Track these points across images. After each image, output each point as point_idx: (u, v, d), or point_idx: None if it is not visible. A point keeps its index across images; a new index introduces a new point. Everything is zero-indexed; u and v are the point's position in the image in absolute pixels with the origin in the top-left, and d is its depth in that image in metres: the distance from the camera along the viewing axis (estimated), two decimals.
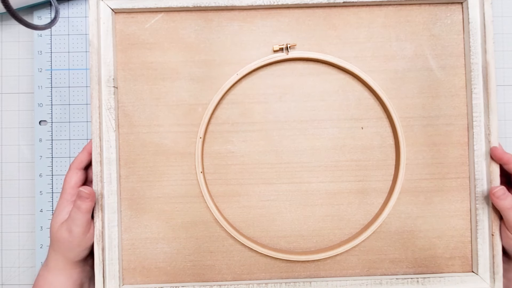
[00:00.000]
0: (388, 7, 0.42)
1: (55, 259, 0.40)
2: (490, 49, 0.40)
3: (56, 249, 0.40)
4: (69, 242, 0.39)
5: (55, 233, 0.40)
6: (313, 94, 0.42)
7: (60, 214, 0.40)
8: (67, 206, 0.40)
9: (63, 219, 0.40)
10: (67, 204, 0.40)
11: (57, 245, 0.40)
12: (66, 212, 0.40)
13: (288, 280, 0.41)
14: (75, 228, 0.39)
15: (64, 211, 0.40)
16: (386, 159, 0.42)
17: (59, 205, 0.41)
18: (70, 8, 0.47)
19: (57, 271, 0.40)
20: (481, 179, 0.41)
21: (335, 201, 0.42)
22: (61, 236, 0.39)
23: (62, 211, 0.40)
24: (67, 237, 0.39)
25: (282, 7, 0.42)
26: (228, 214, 0.42)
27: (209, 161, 0.42)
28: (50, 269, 0.40)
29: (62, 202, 0.41)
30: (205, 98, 0.42)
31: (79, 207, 0.39)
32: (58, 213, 0.40)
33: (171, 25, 0.42)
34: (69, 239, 0.39)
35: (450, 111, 0.42)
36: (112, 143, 0.41)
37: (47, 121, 0.47)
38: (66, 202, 0.40)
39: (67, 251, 0.40)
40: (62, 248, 0.40)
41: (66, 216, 0.40)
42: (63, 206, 0.40)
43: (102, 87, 0.41)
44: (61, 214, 0.40)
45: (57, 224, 0.40)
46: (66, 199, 0.40)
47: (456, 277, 0.41)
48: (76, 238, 0.39)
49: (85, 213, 0.39)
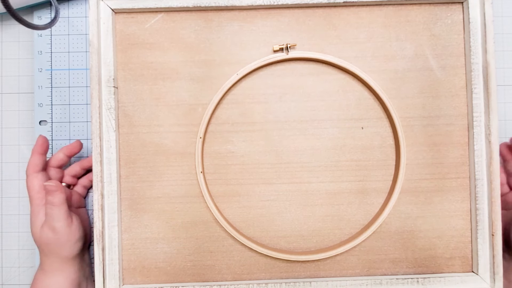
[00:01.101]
0: (388, 7, 0.42)
1: (49, 262, 0.40)
2: (491, 49, 0.40)
3: (47, 252, 0.40)
4: (56, 239, 0.39)
5: (39, 238, 0.40)
6: (313, 94, 0.42)
7: (37, 219, 0.40)
8: (40, 211, 0.40)
9: (41, 222, 0.40)
10: (40, 209, 0.40)
11: (47, 248, 0.40)
12: (42, 215, 0.40)
13: (288, 280, 0.41)
14: (56, 223, 0.38)
15: (39, 215, 0.40)
16: (386, 159, 0.42)
17: (33, 213, 0.40)
18: (70, 8, 0.47)
19: (54, 273, 0.40)
20: (481, 179, 0.41)
21: (335, 201, 0.42)
22: (46, 237, 0.39)
23: (37, 216, 0.40)
24: (53, 235, 0.39)
25: (282, 7, 0.42)
26: (228, 214, 0.42)
27: (209, 161, 0.42)
28: (46, 272, 0.40)
29: (34, 208, 0.40)
30: (205, 98, 0.42)
31: (52, 202, 0.38)
32: (34, 219, 0.40)
33: (171, 25, 0.42)
34: (55, 236, 0.39)
35: (450, 111, 0.42)
36: (112, 143, 0.41)
37: (47, 121, 0.47)
38: (38, 207, 0.40)
39: (58, 250, 0.40)
40: (53, 248, 0.40)
41: (43, 218, 0.40)
42: (37, 212, 0.40)
43: (102, 87, 0.41)
44: (38, 218, 0.40)
45: (37, 229, 0.40)
46: (37, 204, 0.40)
47: (456, 277, 0.41)
48: (62, 233, 0.39)
49: (60, 205, 0.38)
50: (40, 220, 0.40)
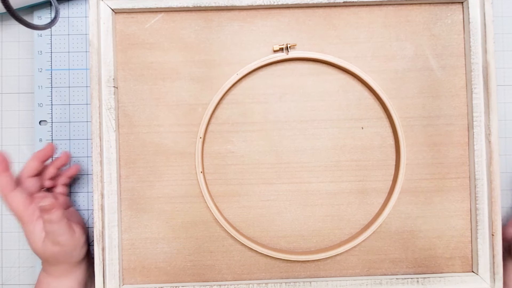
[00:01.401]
0: (388, 7, 0.42)
1: (55, 269, 0.39)
2: (491, 49, 0.40)
3: (54, 262, 0.39)
4: (63, 251, 0.38)
5: (43, 253, 0.38)
6: (313, 94, 0.42)
7: (34, 236, 0.38)
8: (36, 227, 0.38)
9: (41, 237, 0.38)
10: (34, 225, 0.38)
11: (53, 259, 0.39)
12: (39, 230, 0.38)
13: (288, 280, 0.41)
14: (60, 238, 0.37)
15: (36, 231, 0.38)
16: (386, 159, 0.42)
17: (27, 231, 0.38)
18: (70, 8, 0.47)
19: (61, 277, 0.39)
20: (481, 179, 0.41)
21: (335, 201, 0.42)
22: (51, 251, 0.38)
23: (33, 233, 0.38)
24: (59, 248, 0.38)
25: (282, 7, 0.42)
26: (228, 214, 0.42)
27: (209, 161, 0.42)
28: (52, 276, 0.40)
29: (27, 226, 0.38)
30: (205, 98, 0.42)
31: (51, 220, 0.36)
32: (31, 236, 0.38)
33: (171, 25, 0.42)
34: (62, 249, 0.38)
35: (451, 111, 0.42)
36: (112, 143, 0.41)
37: (47, 121, 0.47)
38: (31, 224, 0.38)
39: (67, 258, 0.39)
40: (60, 258, 0.39)
41: (42, 233, 0.38)
42: (32, 229, 0.38)
43: (102, 87, 0.41)
44: (35, 235, 0.38)
45: (38, 245, 0.38)
46: (28, 221, 0.38)
47: (456, 277, 0.41)
48: (68, 244, 0.38)
49: (59, 221, 0.37)
50: (38, 236, 0.38)
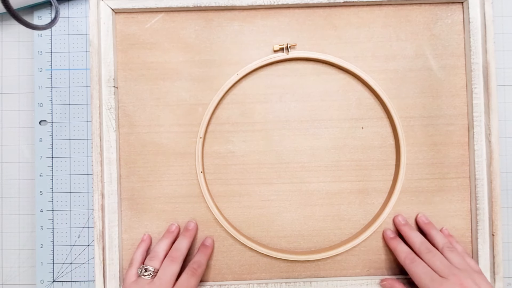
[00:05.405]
0: (388, 7, 0.42)
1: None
2: (491, 49, 0.40)
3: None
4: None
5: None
6: (313, 94, 0.42)
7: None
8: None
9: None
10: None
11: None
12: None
13: (289, 280, 0.41)
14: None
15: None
16: (387, 159, 0.42)
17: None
18: (70, 8, 0.47)
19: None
20: (482, 179, 0.41)
21: (335, 201, 0.42)
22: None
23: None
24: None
25: (282, 7, 0.42)
26: (228, 214, 0.42)
27: (209, 161, 0.42)
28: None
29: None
30: (205, 98, 0.42)
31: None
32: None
33: (171, 25, 0.42)
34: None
35: (451, 111, 0.42)
36: (113, 143, 0.41)
37: (47, 121, 0.47)
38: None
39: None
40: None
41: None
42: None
43: (102, 87, 0.41)
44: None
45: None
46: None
47: None
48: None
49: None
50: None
